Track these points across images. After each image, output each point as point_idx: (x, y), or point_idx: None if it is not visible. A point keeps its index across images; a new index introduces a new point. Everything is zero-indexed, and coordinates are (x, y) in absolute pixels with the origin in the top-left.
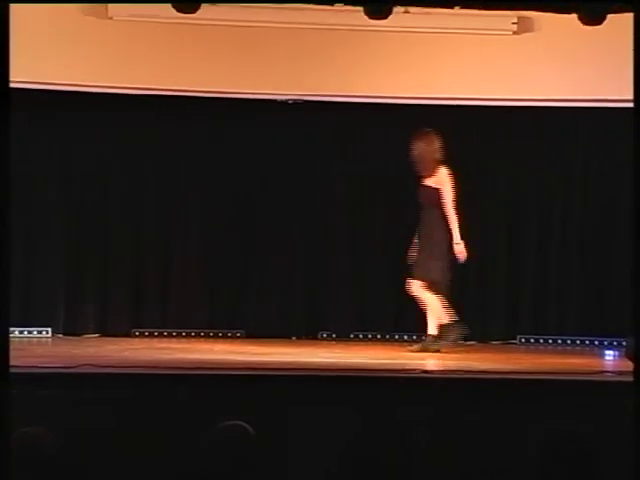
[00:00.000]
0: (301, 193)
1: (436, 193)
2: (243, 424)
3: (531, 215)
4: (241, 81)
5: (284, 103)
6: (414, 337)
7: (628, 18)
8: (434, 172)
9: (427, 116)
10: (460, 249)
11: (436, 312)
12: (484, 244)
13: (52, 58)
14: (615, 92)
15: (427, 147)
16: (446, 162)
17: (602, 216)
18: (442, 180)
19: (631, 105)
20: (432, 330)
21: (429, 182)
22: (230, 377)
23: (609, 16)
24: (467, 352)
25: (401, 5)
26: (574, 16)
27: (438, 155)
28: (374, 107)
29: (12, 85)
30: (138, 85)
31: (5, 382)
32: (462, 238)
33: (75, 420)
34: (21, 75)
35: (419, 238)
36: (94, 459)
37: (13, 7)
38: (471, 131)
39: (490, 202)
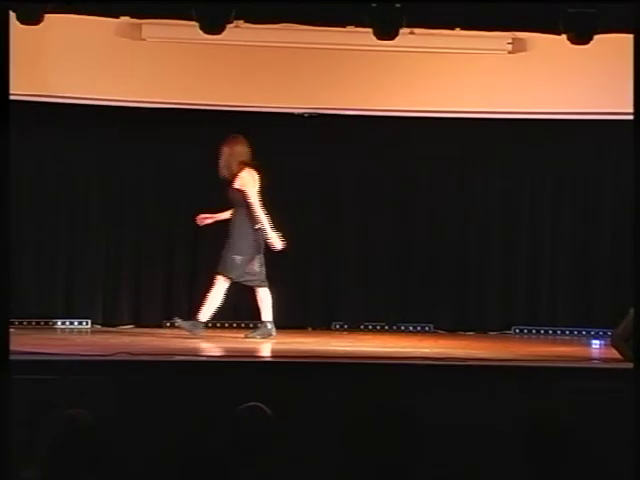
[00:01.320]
0: (316, 195)
1: (241, 194)
2: (261, 405)
3: (524, 216)
4: (262, 96)
5: (300, 116)
6: (418, 328)
7: (613, 38)
8: (239, 175)
9: (429, 128)
10: (272, 241)
11: (211, 302)
12: (482, 243)
13: (89, 76)
14: (602, 105)
15: (231, 151)
16: (253, 164)
17: (590, 217)
18: (246, 182)
19: (617, 117)
20: (265, 317)
21: (235, 184)
22: (251, 363)
23: (596, 36)
24: (467, 341)
25: (407, 27)
26: (563, 37)
27: (243, 158)
28: (381, 120)
29: (49, 100)
30: (168, 100)
31: (5, 371)
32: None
33: (112, 403)
34: (58, 91)
35: (227, 236)
36: (128, 438)
37: (52, 28)
38: (470, 141)
39: (488, 203)
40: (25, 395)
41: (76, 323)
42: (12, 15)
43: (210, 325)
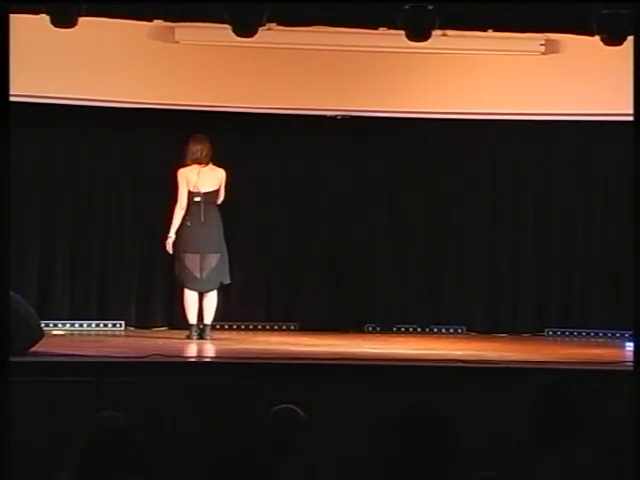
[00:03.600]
0: (349, 196)
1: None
2: (295, 407)
3: (557, 218)
4: (295, 98)
5: (333, 118)
6: (451, 330)
7: None
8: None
9: (461, 129)
10: (167, 243)
11: (186, 307)
12: (515, 245)
13: (123, 78)
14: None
15: (185, 151)
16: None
17: (623, 218)
18: (175, 180)
19: None
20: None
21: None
22: (285, 365)
23: (629, 37)
24: (499, 343)
25: (439, 29)
26: (597, 38)
27: (193, 157)
28: (413, 122)
29: (85, 103)
30: (201, 102)
31: (3, 374)
32: None
33: (146, 404)
34: (91, 93)
35: None
36: (162, 440)
37: (86, 31)
38: (503, 142)
39: (520, 204)
40: (59, 397)
41: (110, 325)
42: (46, 18)
43: (243, 327)
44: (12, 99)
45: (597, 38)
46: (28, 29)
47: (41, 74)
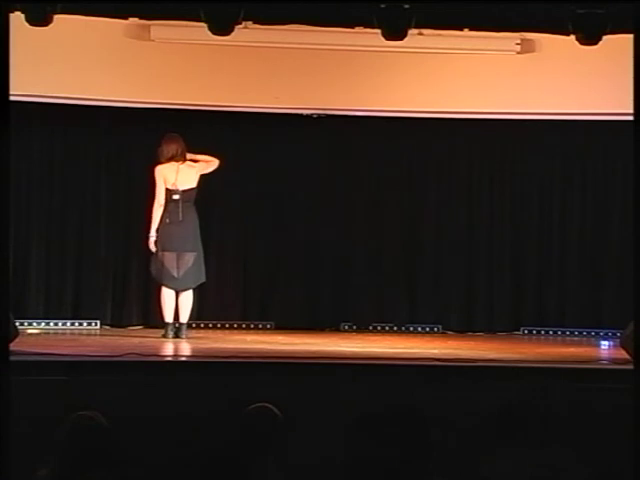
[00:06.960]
0: (327, 196)
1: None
2: (270, 406)
3: (533, 218)
4: (271, 97)
5: (309, 117)
6: (427, 329)
7: (621, 39)
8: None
9: (437, 129)
10: (150, 242)
11: (162, 305)
12: (491, 244)
13: (98, 77)
14: (610, 105)
15: (158, 150)
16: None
17: (598, 218)
18: (153, 178)
19: (623, 118)
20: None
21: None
22: (260, 364)
23: (604, 37)
24: (475, 342)
25: (415, 28)
26: (572, 37)
27: (164, 155)
28: (388, 120)
29: (62, 101)
30: (176, 101)
31: (5, 368)
32: None
33: (121, 403)
34: (67, 92)
35: None
36: (138, 438)
37: (61, 29)
38: (478, 142)
39: (497, 203)
40: (36, 395)
41: (85, 324)
42: (21, 16)
43: (219, 326)
44: None
45: (572, 37)
46: None
47: (14, 72)
